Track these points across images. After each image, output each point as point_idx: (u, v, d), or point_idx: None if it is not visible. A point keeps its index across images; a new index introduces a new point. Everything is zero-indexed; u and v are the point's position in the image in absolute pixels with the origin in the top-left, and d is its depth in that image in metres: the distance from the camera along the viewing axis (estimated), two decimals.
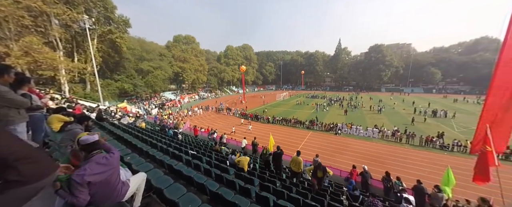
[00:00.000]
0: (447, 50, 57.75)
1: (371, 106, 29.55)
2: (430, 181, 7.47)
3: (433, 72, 49.62)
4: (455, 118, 21.78)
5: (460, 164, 10.31)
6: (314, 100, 38.64)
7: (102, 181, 1.62)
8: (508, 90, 4.85)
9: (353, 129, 17.25)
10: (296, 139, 16.33)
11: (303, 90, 64.03)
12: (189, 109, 29.45)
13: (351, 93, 49.27)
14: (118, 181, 1.85)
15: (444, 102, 32.36)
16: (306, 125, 19.91)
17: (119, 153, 2.03)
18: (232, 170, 5.42)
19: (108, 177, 1.68)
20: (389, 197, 5.88)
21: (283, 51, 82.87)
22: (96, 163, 1.63)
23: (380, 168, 9.67)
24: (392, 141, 15.34)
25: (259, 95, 49.22)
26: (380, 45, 53.40)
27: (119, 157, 2.00)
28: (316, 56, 66.54)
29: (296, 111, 29.00)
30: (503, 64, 4.89)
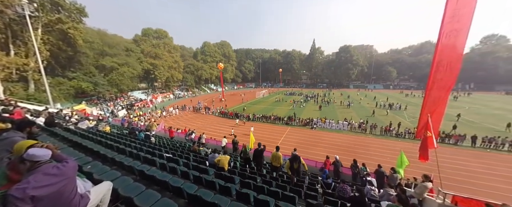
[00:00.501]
0: (400, 52, 67.16)
1: (341, 101, 32.52)
2: (388, 165, 8.71)
3: (390, 70, 57.23)
4: (406, 110, 25.66)
5: (410, 148, 12.28)
6: (292, 97, 40.40)
7: (52, 195, 1.39)
8: (439, 86, 5.92)
9: (327, 123, 18.72)
10: (276, 135, 16.87)
11: (282, 88, 66.16)
12: (163, 109, 27.38)
13: (324, 90, 53.18)
14: (75, 193, 1.62)
15: (398, 97, 37.75)
16: (284, 121, 20.71)
17: (76, 162, 1.78)
18: (212, 170, 5.30)
19: (60, 189, 1.45)
20: (356, 181, 6.65)
21: (261, 49, 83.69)
22: (43, 174, 1.38)
23: (349, 157, 10.78)
24: (359, 132, 17.22)
25: (239, 93, 48.89)
26: (349, 46, 58.79)
27: (76, 166, 1.75)
28: (293, 55, 69.31)
29: (276, 107, 29.85)
30: (436, 65, 5.97)
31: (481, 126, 17.94)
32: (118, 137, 8.39)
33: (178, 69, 45.38)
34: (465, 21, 5.57)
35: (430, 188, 5.21)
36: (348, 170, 7.55)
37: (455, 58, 5.97)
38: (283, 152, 11.04)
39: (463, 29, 5.70)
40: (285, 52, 73.03)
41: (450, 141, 14.20)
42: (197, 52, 61.76)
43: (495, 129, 16.60)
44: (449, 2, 5.56)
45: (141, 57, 36.14)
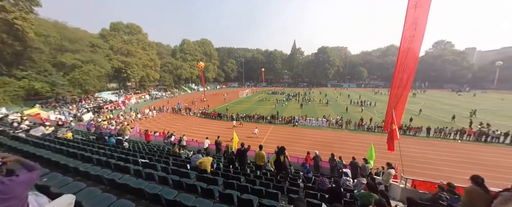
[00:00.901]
0: (370, 54, 74.02)
1: (320, 100, 34.45)
2: (361, 156, 9.57)
3: (362, 71, 62.72)
4: (375, 106, 28.48)
5: (379, 140, 13.67)
6: (275, 96, 41.24)
7: None
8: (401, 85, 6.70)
9: (307, 120, 19.63)
10: (260, 134, 17.03)
11: (265, 87, 67.04)
12: (138, 111, 25.29)
13: (305, 89, 55.60)
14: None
15: (369, 95, 41.66)
16: (268, 120, 21.04)
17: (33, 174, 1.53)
18: (193, 173, 5.10)
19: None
20: (334, 173, 7.14)
21: (244, 48, 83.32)
22: None
23: (328, 151, 11.49)
24: (336, 128, 18.48)
25: (222, 93, 47.92)
26: (326, 47, 62.48)
27: (32, 179, 1.51)
28: (275, 54, 70.70)
29: (259, 107, 30.11)
30: (399, 66, 6.76)
31: (433, 118, 20.96)
32: (83, 144, 7.47)
33: (154, 68, 42.31)
34: (420, 29, 6.40)
35: (393, 174, 5.89)
36: (327, 163, 8.06)
37: (413, 60, 6.85)
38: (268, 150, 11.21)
39: (419, 35, 6.55)
40: (267, 52, 74.05)
41: (410, 133, 16.25)
42: (175, 50, 58.39)
43: (444, 121, 19.55)
44: (408, 12, 6.34)
45: (110, 54, 32.60)
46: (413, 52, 6.76)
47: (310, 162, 8.00)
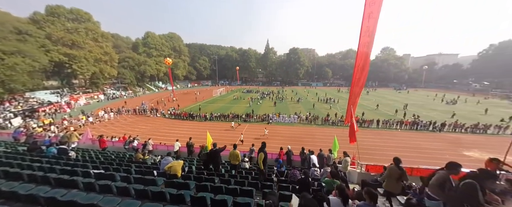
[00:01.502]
0: (333, 56, 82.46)
1: (292, 97, 36.55)
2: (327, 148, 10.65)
3: (327, 71, 69.41)
4: (339, 103, 32.04)
5: (341, 133, 15.46)
6: (249, 94, 41.53)
7: None
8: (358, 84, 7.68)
9: (281, 117, 20.55)
10: (235, 133, 16.91)
11: (239, 86, 66.68)
12: (90, 114, 21.51)
13: (278, 88, 57.92)
14: None
15: (333, 93, 46.52)
16: (243, 118, 21.05)
17: None
18: (162, 180, 4.68)
19: None
20: (304, 165, 7.72)
21: (217, 45, 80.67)
22: None
23: (299, 145, 12.31)
24: (306, 123, 19.96)
25: (193, 92, 45.31)
26: (297, 49, 66.40)
27: None
28: (249, 53, 70.90)
29: (234, 105, 29.79)
30: (357, 67, 7.75)
31: (381, 112, 25.02)
32: (8, 157, 5.88)
33: (110, 63, 36.61)
34: (372, 36, 7.46)
35: (350, 161, 6.77)
36: (298, 157, 8.64)
37: (367, 63, 7.95)
38: (244, 148, 11.21)
39: (372, 42, 7.65)
40: (241, 50, 73.58)
41: (364, 125, 18.96)
42: (138, 43, 51.83)
43: (388, 114, 23.54)
44: (364, 20, 7.27)
45: (47, 44, 26.47)
46: (367, 56, 7.86)
47: (283, 157, 8.41)
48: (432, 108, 27.59)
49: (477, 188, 2.41)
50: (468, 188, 2.44)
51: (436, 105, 30.44)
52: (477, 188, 2.41)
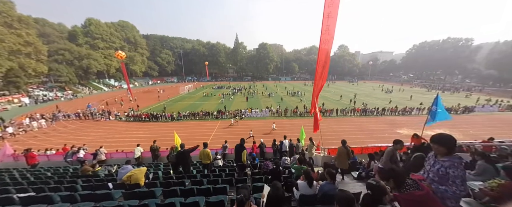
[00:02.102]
0: (299, 52, 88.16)
1: (263, 92, 37.51)
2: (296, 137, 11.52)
3: (294, 66, 73.93)
4: (305, 95, 34.82)
5: (308, 123, 16.95)
6: (220, 90, 40.35)
7: None
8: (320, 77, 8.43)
9: (253, 112, 20.88)
10: (206, 131, 16.25)
11: (209, 82, 63.77)
12: (8, 123, 16.64)
13: (249, 83, 58.28)
14: None
15: (301, 86, 50.11)
16: (214, 115, 20.37)
17: None
18: (119, 192, 4.07)
19: None
20: (276, 156, 8.16)
21: (182, 38, 73.92)
22: None
23: (271, 137, 12.87)
24: (277, 116, 20.94)
25: (156, 90, 40.75)
26: (266, 44, 67.65)
27: None
28: (218, 47, 67.94)
29: (204, 102, 28.40)
30: (319, 63, 8.47)
31: (339, 102, 28.63)
32: None
33: (35, 56, 28.75)
34: (331, 34, 8.22)
35: (315, 146, 7.54)
36: (270, 149, 9.04)
37: (328, 59, 8.79)
38: (216, 146, 10.90)
39: (331, 39, 8.44)
40: (209, 44, 69.73)
41: (326, 114, 21.34)
42: (76, 32, 42.13)
43: (345, 103, 27.14)
44: (324, 20, 7.89)
45: None
46: (327, 52, 8.68)
47: (257, 150, 8.63)
48: (375, 97, 33.34)
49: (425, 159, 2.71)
50: (417, 160, 2.74)
51: (378, 94, 36.93)
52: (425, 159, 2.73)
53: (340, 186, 4.49)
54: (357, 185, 4.48)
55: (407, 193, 1.63)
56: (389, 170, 1.84)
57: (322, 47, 8.32)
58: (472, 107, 22.51)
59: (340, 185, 4.62)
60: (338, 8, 7.69)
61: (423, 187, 1.61)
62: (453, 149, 1.77)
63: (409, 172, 2.27)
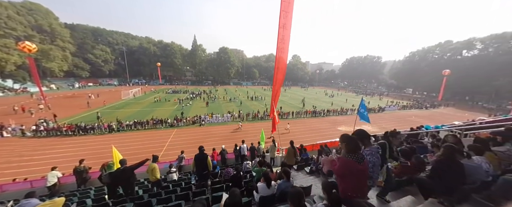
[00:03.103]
0: (259, 58, 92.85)
1: (224, 97, 36.83)
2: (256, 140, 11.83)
3: (255, 71, 77.04)
4: (265, 100, 36.69)
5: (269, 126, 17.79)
6: (177, 95, 36.60)
7: None
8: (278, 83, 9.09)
9: (214, 118, 20.00)
10: (159, 142, 14.19)
11: (162, 85, 56.65)
12: None
13: (210, 87, 55.93)
14: None
15: (261, 91, 52.47)
16: (169, 123, 18.14)
17: None
18: None
19: None
20: (238, 161, 8.06)
21: (125, 33, 62.71)
22: None
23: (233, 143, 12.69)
24: (239, 121, 20.89)
25: (85, 94, 32.37)
26: (226, 48, 67.33)
27: None
28: (173, 48, 61.78)
29: (156, 109, 24.84)
30: (276, 70, 9.15)
31: (294, 105, 31.89)
32: None
33: None
34: (286, 43, 9.07)
35: (276, 147, 8.01)
36: (233, 154, 8.86)
37: (284, 66, 9.63)
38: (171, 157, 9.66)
39: (286, 48, 9.30)
40: (162, 43, 62.45)
41: (284, 117, 23.22)
42: None
43: (298, 106, 30.46)
44: (279, 30, 8.66)
45: None
46: (284, 60, 9.52)
47: (217, 157, 8.24)
48: (322, 100, 39.32)
49: (386, 146, 2.83)
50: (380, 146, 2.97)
51: (323, 98, 43.77)
52: (386, 146, 2.83)
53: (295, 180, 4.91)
54: (310, 179, 5.02)
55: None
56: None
57: (279, 55, 9.08)
58: (384, 107, 30.35)
59: (296, 179, 5.05)
60: (291, 21, 8.63)
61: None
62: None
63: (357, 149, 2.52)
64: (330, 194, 1.72)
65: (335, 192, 1.71)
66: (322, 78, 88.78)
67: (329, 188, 1.74)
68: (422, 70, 48.79)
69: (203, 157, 4.83)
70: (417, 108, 32.89)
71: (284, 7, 7.74)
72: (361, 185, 1.98)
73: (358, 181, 1.94)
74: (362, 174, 1.93)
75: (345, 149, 2.02)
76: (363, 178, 1.98)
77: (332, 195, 1.70)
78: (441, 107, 35.16)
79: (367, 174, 2.03)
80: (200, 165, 4.83)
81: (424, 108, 33.27)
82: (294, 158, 5.52)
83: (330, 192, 1.72)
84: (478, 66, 37.98)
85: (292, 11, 8.17)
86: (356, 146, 2.00)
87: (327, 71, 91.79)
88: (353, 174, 1.89)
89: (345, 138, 2.06)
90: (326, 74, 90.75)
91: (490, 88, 36.66)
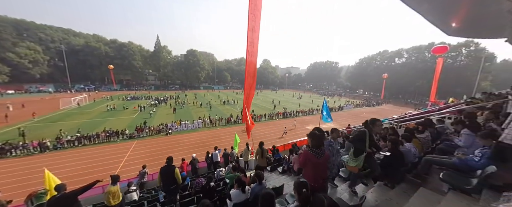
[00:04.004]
0: (230, 62, 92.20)
1: (194, 102, 34.77)
2: (230, 145, 11.55)
3: (226, 75, 75.91)
4: (238, 103, 36.46)
5: (242, 129, 17.69)
6: (137, 102, 32.34)
7: None
8: (249, 87, 9.17)
9: (183, 125, 18.51)
10: (114, 157, 12.12)
11: (118, 91, 49.19)
12: None
13: (177, 92, 51.81)
14: None
15: (233, 95, 51.95)
16: (128, 135, 15.77)
17: None
18: None
19: None
20: (211, 170, 7.64)
21: (64, 29, 51.84)
22: None
23: (205, 150, 12.01)
24: (211, 126, 20.03)
25: (3, 104, 24.97)
26: (195, 51, 64.12)
27: None
28: (131, 48, 54.51)
29: (109, 119, 21.25)
30: (247, 73, 9.21)
31: (266, 107, 32.86)
32: None
33: None
34: (256, 47, 9.25)
35: (249, 151, 8.01)
36: (205, 162, 8.34)
37: (255, 70, 9.77)
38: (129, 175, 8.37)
39: (256, 52, 9.47)
40: (117, 43, 54.39)
41: (257, 119, 23.57)
42: None
43: (270, 109, 31.49)
44: (248, 33, 8.77)
45: None
46: (254, 64, 9.67)
47: (187, 168, 7.61)
48: (291, 102, 41.95)
49: (366, 133, 2.77)
50: (359, 134, 2.88)
51: (293, 99, 46.82)
52: (366, 133, 2.76)
53: (269, 181, 4.99)
54: (282, 178, 5.20)
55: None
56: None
57: (249, 59, 9.19)
58: (343, 106, 34.69)
59: (269, 180, 5.14)
60: (260, 24, 8.86)
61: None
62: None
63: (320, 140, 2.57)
64: (301, 193, 1.80)
65: (305, 191, 1.80)
66: (291, 82, 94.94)
67: (300, 188, 1.82)
68: (368, 74, 58.45)
69: (170, 170, 4.35)
70: (367, 106, 38.99)
71: (252, 9, 7.91)
72: (317, 176, 2.30)
73: (315, 172, 2.27)
74: (319, 166, 2.25)
75: (310, 144, 2.35)
76: (320, 170, 2.29)
77: (302, 194, 1.78)
78: (384, 104, 42.81)
79: (325, 168, 2.29)
80: (167, 178, 4.33)
81: (372, 105, 39.77)
82: (264, 159, 5.63)
83: (301, 191, 1.80)
84: (406, 71, 48.36)
85: (260, 14, 8.41)
86: (318, 142, 2.27)
87: (295, 75, 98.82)
88: (312, 165, 2.23)
89: (310, 135, 2.40)
90: (294, 77, 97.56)
91: (414, 88, 47.01)
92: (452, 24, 7.51)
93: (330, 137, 3.23)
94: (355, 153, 2.76)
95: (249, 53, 8.90)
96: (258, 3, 8.05)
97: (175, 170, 4.39)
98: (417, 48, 48.98)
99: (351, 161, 2.81)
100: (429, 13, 6.40)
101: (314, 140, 2.32)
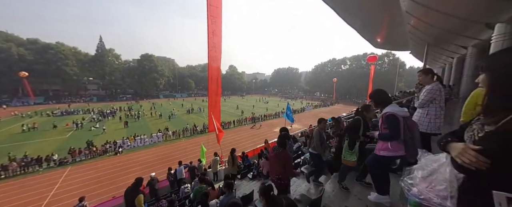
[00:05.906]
0: (194, 68, 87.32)
1: (153, 113, 30.76)
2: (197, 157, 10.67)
3: (190, 82, 71.19)
4: (205, 111, 34.53)
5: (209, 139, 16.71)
6: (72, 117, 25.90)
7: None
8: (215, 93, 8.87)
9: (138, 141, 15.93)
10: (33, 194, 9.12)
11: (41, 105, 38.12)
12: None
13: (130, 103, 44.65)
14: None
15: (199, 103, 48.98)
16: (56, 161, 12.24)
17: None
18: None
19: None
20: (174, 188, 6.78)
21: None
22: None
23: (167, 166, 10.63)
24: (174, 139, 18.06)
25: None
26: (151, 55, 57.46)
27: None
28: (60, 51, 43.51)
29: (25, 142, 16.04)
30: (210, 79, 8.87)
31: (234, 114, 32.53)
32: None
33: None
34: (218, 51, 9.04)
35: (219, 160, 7.61)
36: (165, 181, 7.34)
37: (218, 75, 9.50)
38: None
39: (219, 56, 9.24)
40: (38, 43, 42.58)
41: (226, 127, 22.92)
42: None
43: (238, 115, 31.32)
44: (209, 37, 8.47)
45: None
46: (217, 70, 9.41)
47: (145, 190, 6.47)
48: (258, 107, 43.14)
49: (360, 121, 2.65)
50: (353, 122, 2.75)
51: (260, 104, 48.30)
52: (361, 121, 2.65)
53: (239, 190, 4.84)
54: (252, 184, 5.15)
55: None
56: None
57: (212, 65, 8.90)
58: (304, 107, 38.27)
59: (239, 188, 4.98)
60: (221, 27, 8.75)
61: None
62: None
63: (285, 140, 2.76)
64: (268, 197, 1.79)
65: (272, 194, 1.81)
66: (257, 87, 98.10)
67: (266, 191, 1.82)
68: (322, 79, 67.31)
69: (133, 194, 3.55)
70: (324, 106, 44.48)
71: (211, 12, 7.79)
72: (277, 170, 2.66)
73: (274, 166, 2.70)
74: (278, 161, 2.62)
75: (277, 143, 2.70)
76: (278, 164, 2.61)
77: (269, 198, 1.78)
78: (336, 104, 49.90)
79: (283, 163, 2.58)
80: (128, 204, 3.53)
81: (327, 106, 45.69)
82: (235, 167, 5.50)
83: (268, 195, 1.80)
84: (349, 76, 58.46)
85: (220, 17, 8.35)
86: (282, 142, 2.62)
87: (261, 81, 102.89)
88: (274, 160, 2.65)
89: (279, 135, 2.74)
90: (260, 83, 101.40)
91: (357, 90, 57.07)
92: (377, 39, 9.67)
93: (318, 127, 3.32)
94: (350, 145, 2.57)
95: (211, 58, 8.62)
96: (219, 6, 8.01)
97: (139, 197, 3.61)
98: (356, 57, 60.34)
99: (348, 155, 2.57)
100: (362, 30, 8.04)
101: (278, 139, 2.66)
